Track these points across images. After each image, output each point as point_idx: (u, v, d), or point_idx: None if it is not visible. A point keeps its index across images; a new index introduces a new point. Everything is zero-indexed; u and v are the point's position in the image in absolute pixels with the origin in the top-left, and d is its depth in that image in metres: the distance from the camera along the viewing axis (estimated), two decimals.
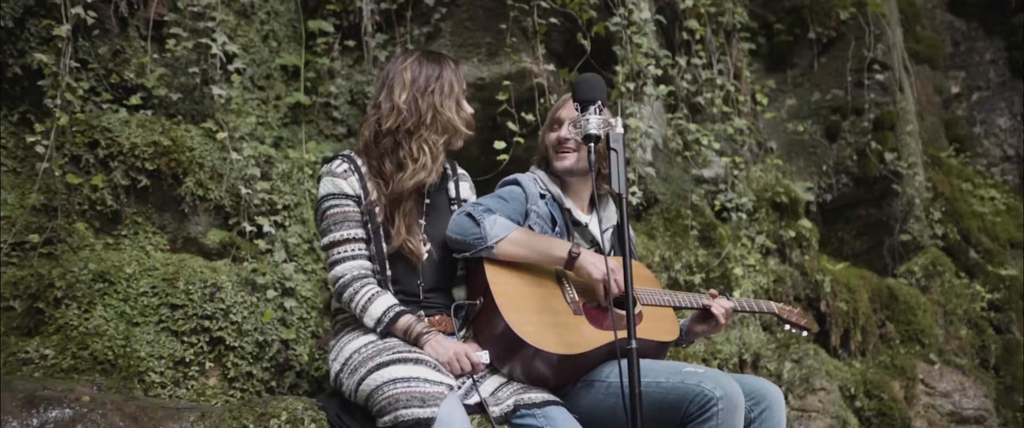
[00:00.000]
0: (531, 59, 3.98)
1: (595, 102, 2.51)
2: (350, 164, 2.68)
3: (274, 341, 3.41)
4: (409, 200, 2.66)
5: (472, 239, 2.64)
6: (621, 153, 2.44)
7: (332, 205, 2.64)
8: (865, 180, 5.32)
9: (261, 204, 3.65)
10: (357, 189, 2.65)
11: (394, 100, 2.68)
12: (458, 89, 2.75)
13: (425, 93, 2.69)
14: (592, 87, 2.54)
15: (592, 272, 2.63)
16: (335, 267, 2.61)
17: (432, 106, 2.68)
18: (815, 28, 5.59)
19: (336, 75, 4.44)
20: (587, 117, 2.48)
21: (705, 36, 4.76)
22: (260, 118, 4.17)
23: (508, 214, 2.77)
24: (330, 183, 2.66)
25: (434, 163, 2.66)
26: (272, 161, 3.83)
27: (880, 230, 5.59)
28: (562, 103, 3.00)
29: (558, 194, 2.95)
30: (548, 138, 2.99)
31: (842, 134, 5.37)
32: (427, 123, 2.67)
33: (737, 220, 4.64)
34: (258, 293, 3.43)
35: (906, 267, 5.86)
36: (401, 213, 2.65)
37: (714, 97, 4.57)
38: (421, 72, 2.71)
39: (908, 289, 5.63)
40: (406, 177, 2.63)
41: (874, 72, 5.37)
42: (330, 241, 2.63)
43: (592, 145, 2.48)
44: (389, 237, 2.63)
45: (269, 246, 3.59)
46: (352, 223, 2.63)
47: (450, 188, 2.85)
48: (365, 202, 2.64)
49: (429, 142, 2.66)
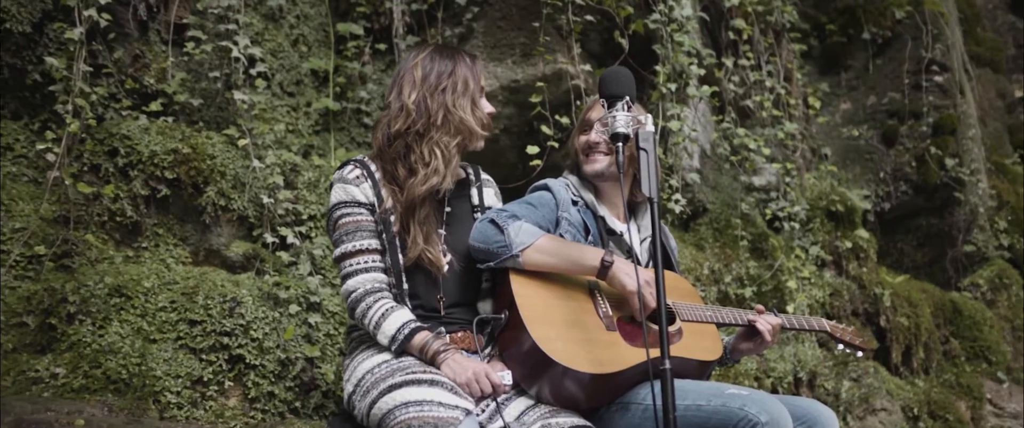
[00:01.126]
0: (566, 59, 3.72)
1: (623, 98, 2.24)
2: (363, 169, 2.45)
3: (298, 359, 3.18)
4: (425, 207, 2.42)
5: (496, 247, 2.38)
6: (652, 153, 2.17)
7: (344, 214, 2.41)
8: (925, 188, 4.93)
9: (285, 214, 3.44)
10: (370, 196, 2.42)
11: (403, 100, 2.44)
12: (474, 86, 2.49)
13: (435, 91, 2.44)
14: (619, 81, 2.28)
15: (626, 283, 2.36)
16: (348, 280, 2.37)
17: (443, 105, 2.42)
18: (869, 28, 5.23)
19: (367, 80, 4.24)
20: (614, 114, 2.22)
21: (753, 36, 4.45)
22: (290, 125, 3.98)
23: (536, 221, 2.51)
24: (341, 190, 2.43)
25: (447, 167, 2.41)
26: (298, 169, 3.62)
27: (942, 241, 5.19)
28: (592, 105, 2.74)
29: (591, 201, 2.69)
30: (578, 141, 2.73)
31: (900, 139, 5.00)
32: (438, 124, 2.42)
33: (790, 230, 4.30)
34: (281, 308, 3.22)
35: (970, 280, 5.45)
36: (417, 221, 2.40)
37: (763, 100, 4.25)
38: (432, 69, 2.46)
39: (973, 303, 5.21)
40: (417, 182, 2.39)
41: (933, 73, 5.00)
42: (342, 253, 2.39)
43: (620, 145, 2.21)
44: (406, 247, 2.38)
45: (293, 258, 3.37)
46: (365, 233, 2.39)
47: (473, 194, 2.60)
48: (379, 210, 2.40)
49: (441, 144, 2.41)
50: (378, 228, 2.41)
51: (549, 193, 2.63)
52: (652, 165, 2.15)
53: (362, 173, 2.44)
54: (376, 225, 2.41)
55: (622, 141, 2.21)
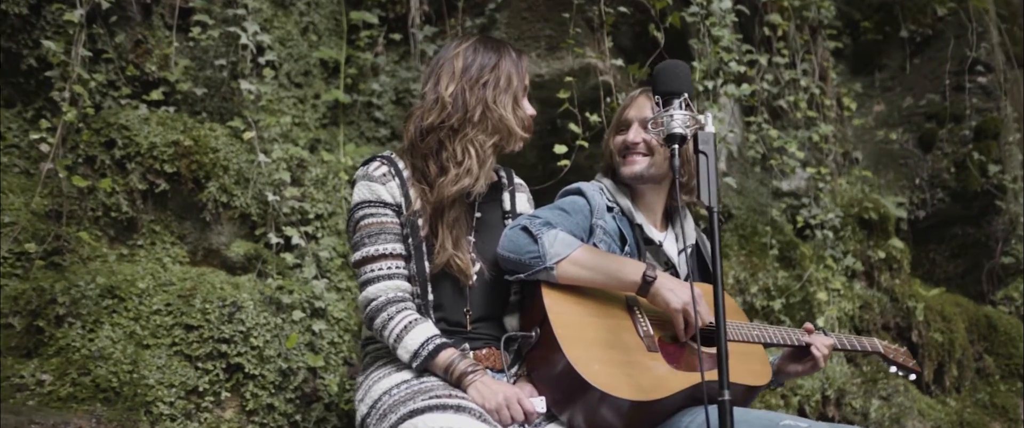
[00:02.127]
0: (596, 54, 3.52)
1: (681, 94, 2.05)
2: (390, 167, 2.26)
3: (300, 369, 3.00)
4: (454, 209, 2.23)
5: (528, 258, 2.19)
6: (712, 158, 1.98)
7: (367, 214, 2.22)
8: (964, 195, 4.73)
9: (291, 213, 3.25)
10: (397, 197, 2.23)
11: (439, 92, 2.26)
12: (517, 83, 2.30)
13: (475, 85, 2.26)
14: (677, 76, 2.08)
15: (670, 301, 2.17)
16: (367, 288, 2.18)
17: (482, 101, 2.24)
18: (908, 26, 5.02)
19: (380, 71, 4.05)
20: (671, 113, 2.02)
21: (788, 32, 4.25)
22: (296, 118, 3.79)
23: (570, 229, 2.32)
24: (366, 188, 2.24)
25: (481, 168, 2.22)
26: (305, 165, 3.43)
27: (978, 251, 4.98)
28: (629, 102, 2.55)
29: (628, 207, 2.49)
30: (614, 142, 2.54)
31: (938, 143, 4.78)
32: (474, 120, 2.24)
33: (822, 238, 4.10)
34: (283, 314, 3.03)
35: (1004, 293, 5.23)
36: (445, 224, 2.22)
37: (798, 100, 4.05)
38: (474, 61, 2.28)
39: (1008, 318, 5.01)
40: (448, 182, 2.20)
41: (976, 74, 4.78)
42: (363, 256, 2.20)
43: (676, 148, 2.02)
44: (433, 254, 2.19)
45: (298, 260, 3.18)
46: (390, 236, 2.20)
47: (505, 200, 2.41)
48: (407, 212, 2.22)
49: (476, 143, 2.22)
50: (404, 232, 2.22)
51: (583, 198, 2.44)
52: (712, 171, 1.96)
53: (389, 171, 2.25)
54: (402, 228, 2.22)
55: (679, 143, 2.02)
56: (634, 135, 2.46)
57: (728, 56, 3.38)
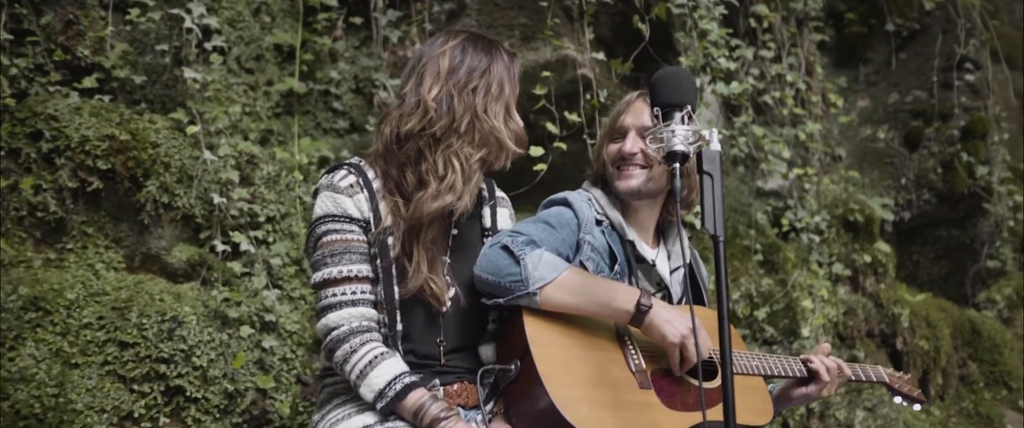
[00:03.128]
0: (575, 45, 3.30)
1: (683, 107, 1.84)
2: (358, 177, 2.01)
3: (248, 390, 2.76)
4: (431, 228, 1.99)
5: (508, 282, 1.97)
6: (717, 179, 1.77)
7: (330, 230, 1.97)
8: (950, 197, 4.62)
9: (239, 215, 2.99)
10: (365, 211, 1.99)
11: (422, 94, 2.00)
12: (509, 91, 2.06)
13: (464, 90, 2.01)
14: (679, 86, 1.87)
15: (667, 334, 1.97)
16: (327, 314, 1.94)
17: (470, 108, 1.99)
18: (894, 19, 4.88)
19: (339, 58, 3.78)
20: (672, 127, 1.81)
21: (774, 24, 4.06)
22: (247, 107, 3.51)
23: (556, 246, 2.10)
24: (330, 200, 1.99)
25: (466, 184, 1.98)
26: (255, 162, 3.17)
27: (962, 254, 4.89)
28: (626, 107, 2.33)
29: (619, 221, 2.28)
30: (608, 150, 2.32)
31: (925, 142, 4.66)
32: (461, 131, 1.99)
33: (808, 242, 3.94)
34: (230, 329, 2.78)
35: (986, 295, 5.16)
36: (421, 245, 1.98)
37: (784, 96, 3.88)
38: (463, 62, 2.03)
39: (992, 323, 4.93)
40: (427, 197, 1.97)
41: (964, 71, 4.66)
42: (323, 279, 1.96)
43: (677, 167, 1.80)
44: (405, 276, 1.96)
45: (247, 268, 2.93)
46: (355, 256, 1.96)
47: (485, 215, 2.18)
48: (375, 229, 1.97)
49: (461, 156, 1.98)
50: (371, 251, 1.98)
51: (570, 210, 2.22)
52: (718, 195, 1.75)
53: (357, 181, 2.00)
54: (370, 247, 1.98)
55: (680, 162, 1.80)
56: (631, 145, 2.24)
57: (717, 52, 3.17)
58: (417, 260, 1.97)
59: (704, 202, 1.77)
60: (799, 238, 4.08)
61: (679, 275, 2.39)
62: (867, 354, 4.35)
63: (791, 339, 4.05)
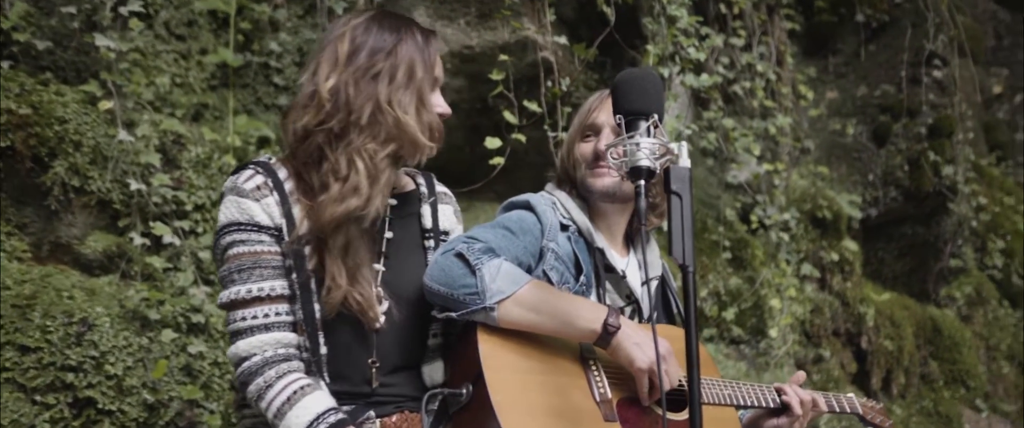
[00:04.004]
0: (535, 27, 3.06)
1: (649, 116, 1.62)
2: (266, 177, 1.75)
3: (172, 401, 2.50)
4: (341, 234, 1.73)
5: (463, 294, 1.76)
6: (687, 201, 1.57)
7: (236, 241, 1.72)
8: (916, 195, 4.52)
9: (162, 203, 2.71)
10: (276, 217, 1.73)
11: (317, 84, 1.75)
12: (423, 75, 1.79)
13: (364, 77, 1.74)
14: (645, 92, 1.66)
15: (635, 358, 1.78)
16: (238, 341, 1.69)
17: (372, 99, 1.73)
18: (864, 9, 4.74)
19: (280, 27, 3.50)
20: (636, 139, 1.60)
21: (745, 11, 3.88)
22: (177, 77, 3.22)
23: (516, 255, 1.90)
24: (234, 205, 1.73)
25: (373, 185, 1.73)
26: (183, 142, 2.88)
27: (925, 251, 4.81)
28: (598, 104, 2.12)
29: (587, 227, 2.08)
30: (579, 149, 2.11)
31: (893, 138, 4.55)
32: (362, 124, 1.73)
33: (778, 240, 3.80)
34: (150, 333, 2.51)
35: (947, 292, 5.11)
36: (333, 254, 1.73)
37: (755, 87, 3.70)
38: (365, 44, 1.77)
39: (952, 322, 4.88)
40: (329, 201, 1.71)
41: (933, 67, 4.55)
42: (231, 299, 1.70)
43: (643, 184, 1.59)
44: (328, 289, 1.72)
45: (171, 264, 2.66)
46: (267, 271, 1.71)
47: (424, 214, 1.94)
48: (289, 238, 1.72)
49: (364, 153, 1.73)
50: (286, 263, 1.73)
51: (533, 214, 2.01)
52: (688, 218, 1.55)
53: (265, 182, 1.74)
54: (284, 259, 1.73)
55: (644, 178, 1.59)
56: (606, 143, 2.03)
57: (687, 40, 2.97)
58: (332, 273, 1.73)
59: (671, 227, 1.57)
60: (767, 234, 3.93)
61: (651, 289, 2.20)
62: (833, 353, 4.26)
63: (758, 338, 3.93)
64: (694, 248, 1.56)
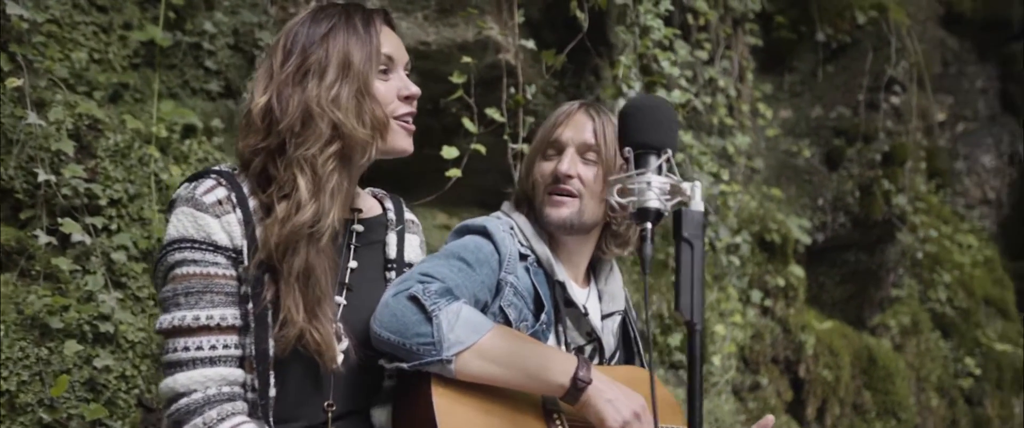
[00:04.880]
0: (500, 27, 2.88)
1: (662, 150, 1.47)
2: (230, 191, 1.56)
3: (71, 420, 2.25)
4: (295, 256, 1.55)
5: (416, 344, 1.59)
6: (698, 249, 1.43)
7: (186, 260, 1.52)
8: (865, 222, 4.51)
9: (73, 196, 2.44)
10: (237, 237, 1.54)
11: (256, 100, 1.59)
12: (361, 62, 1.60)
13: (292, 80, 1.58)
14: (657, 122, 1.51)
15: (606, 417, 1.65)
16: (175, 374, 1.49)
17: (302, 103, 1.57)
18: (825, 29, 4.70)
19: (215, 6, 3.23)
20: (647, 177, 1.44)
21: (711, 22, 3.77)
22: (96, 52, 2.93)
23: (474, 291, 1.74)
24: (189, 219, 1.53)
25: (319, 194, 1.56)
26: (100, 128, 2.62)
27: (867, 280, 4.82)
28: (565, 119, 1.96)
29: (547, 257, 1.93)
30: (540, 169, 1.96)
31: (846, 163, 4.52)
32: (296, 130, 1.56)
33: (728, 263, 3.71)
34: (50, 343, 2.26)
35: (881, 319, 5.14)
36: (288, 283, 1.54)
37: (717, 104, 3.60)
38: (297, 44, 1.60)
39: (887, 352, 4.92)
40: (274, 223, 1.54)
41: (892, 93, 4.53)
42: (174, 325, 1.50)
43: (649, 228, 1.44)
44: (283, 324, 1.52)
45: (79, 265, 2.39)
46: (219, 297, 1.52)
47: (389, 243, 1.77)
48: (249, 262, 1.53)
49: (304, 163, 1.55)
50: (242, 291, 1.53)
51: (490, 243, 1.84)
52: (698, 268, 1.40)
53: (229, 197, 1.54)
54: (239, 285, 1.53)
55: (653, 221, 1.44)
56: (568, 165, 1.89)
57: (662, 54, 2.82)
58: (288, 306, 1.53)
59: (679, 278, 1.42)
60: (716, 256, 3.85)
61: (612, 322, 2.06)
62: (770, 380, 4.21)
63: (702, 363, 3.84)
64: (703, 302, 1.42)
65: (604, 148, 1.91)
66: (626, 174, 1.47)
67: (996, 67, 6.75)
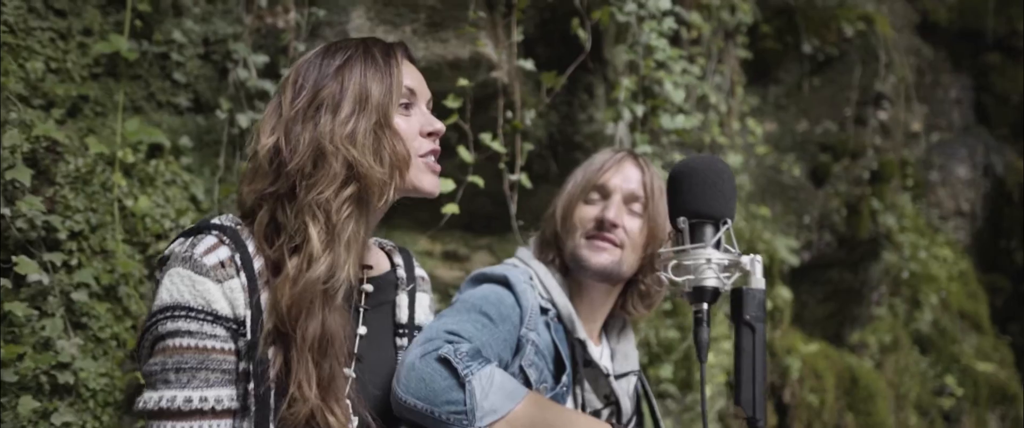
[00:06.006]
0: (494, 44, 2.71)
1: (722, 220, 1.32)
2: (234, 251, 1.36)
3: None
4: (312, 321, 1.37)
5: (447, 413, 1.44)
6: (761, 334, 1.29)
7: (181, 332, 1.33)
8: (850, 241, 4.42)
9: (28, 229, 2.21)
10: (240, 306, 1.35)
11: (263, 142, 1.42)
12: (380, 95, 1.43)
13: (303, 117, 1.41)
14: (717, 189, 1.37)
15: None
16: None
17: (313, 140, 1.40)
18: (811, 40, 4.60)
19: (184, 12, 3.01)
20: (705, 252, 1.30)
21: (704, 36, 3.64)
22: (54, 61, 2.70)
23: (498, 351, 1.60)
24: (185, 284, 1.34)
25: (334, 243, 1.38)
26: (59, 152, 2.39)
27: (849, 298, 4.76)
28: (612, 163, 1.85)
29: (569, 313, 1.79)
30: (582, 213, 1.82)
31: (832, 180, 4.43)
32: (307, 171, 1.39)
33: None
34: (4, 398, 2.03)
35: (860, 336, 5.09)
36: (306, 352, 1.36)
37: (711, 122, 3.47)
38: (309, 78, 1.44)
39: (869, 372, 4.87)
40: (285, 282, 1.36)
41: (880, 108, 4.46)
42: (161, 407, 1.31)
43: (705, 309, 1.30)
44: (291, 402, 1.34)
45: (35, 307, 2.17)
46: (215, 375, 1.33)
47: (399, 304, 1.60)
48: (253, 335, 1.34)
49: (318, 206, 1.38)
50: (241, 368, 1.34)
51: (511, 296, 1.69)
52: (761, 356, 1.26)
53: (232, 258, 1.35)
54: (238, 362, 1.34)
55: (709, 302, 1.29)
56: (615, 213, 1.76)
57: (669, 77, 2.68)
58: (300, 380, 1.35)
59: (739, 368, 1.28)
60: None
61: (626, 383, 1.92)
62: None
63: (685, 392, 3.73)
64: (764, 397, 1.28)
65: (651, 202, 1.81)
66: (680, 248, 1.32)
67: (970, 77, 6.76)
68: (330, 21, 2.92)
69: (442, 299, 3.17)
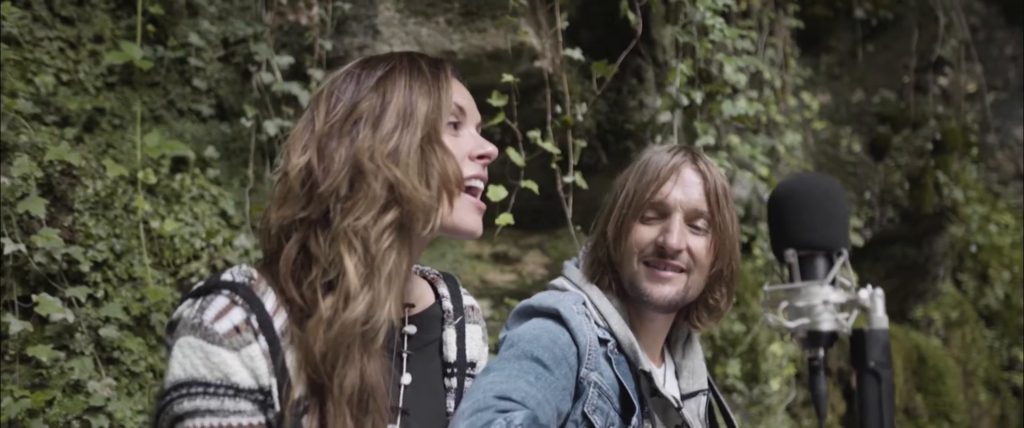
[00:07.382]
0: (536, 31, 2.50)
1: (837, 251, 1.13)
2: (248, 313, 1.17)
3: None
4: (349, 372, 1.19)
5: None
6: (888, 381, 1.10)
7: (199, 411, 1.15)
8: (915, 215, 4.18)
9: (48, 263, 2.05)
10: (263, 374, 1.17)
11: (293, 162, 1.23)
12: (427, 111, 1.25)
13: (339, 133, 1.23)
14: (828, 215, 1.18)
15: None
16: None
17: (350, 157, 1.22)
18: (863, 4, 4.33)
19: (201, 13, 2.83)
20: (820, 291, 1.11)
21: (753, 8, 3.40)
22: (65, 73, 2.55)
23: (556, 405, 1.41)
24: (198, 356, 1.16)
25: (374, 279, 1.20)
26: (76, 176, 2.23)
27: (913, 274, 4.52)
28: (668, 172, 1.61)
29: (630, 342, 1.59)
30: (638, 236, 1.60)
31: (892, 152, 4.18)
32: (342, 193, 1.21)
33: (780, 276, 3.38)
34: None
35: (924, 312, 4.85)
36: (344, 408, 1.19)
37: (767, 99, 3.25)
38: (345, 92, 1.26)
39: (937, 350, 4.65)
40: (317, 326, 1.18)
41: (940, 74, 4.19)
42: None
43: (821, 356, 1.11)
44: None
45: (62, 345, 2.02)
46: None
47: (447, 342, 1.41)
48: (283, 404, 1.16)
49: (353, 236, 1.20)
50: None
51: (566, 333, 1.50)
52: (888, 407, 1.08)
53: (247, 321, 1.16)
54: None
55: (825, 346, 1.11)
56: (678, 239, 1.53)
57: (729, 61, 2.46)
58: None
59: (865, 418, 1.09)
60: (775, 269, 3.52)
61: (696, 404, 1.72)
62: None
63: (752, 385, 3.54)
64: None
65: (716, 213, 1.57)
66: (791, 287, 1.12)
67: None
68: (357, 15, 2.73)
69: (494, 305, 2.99)
